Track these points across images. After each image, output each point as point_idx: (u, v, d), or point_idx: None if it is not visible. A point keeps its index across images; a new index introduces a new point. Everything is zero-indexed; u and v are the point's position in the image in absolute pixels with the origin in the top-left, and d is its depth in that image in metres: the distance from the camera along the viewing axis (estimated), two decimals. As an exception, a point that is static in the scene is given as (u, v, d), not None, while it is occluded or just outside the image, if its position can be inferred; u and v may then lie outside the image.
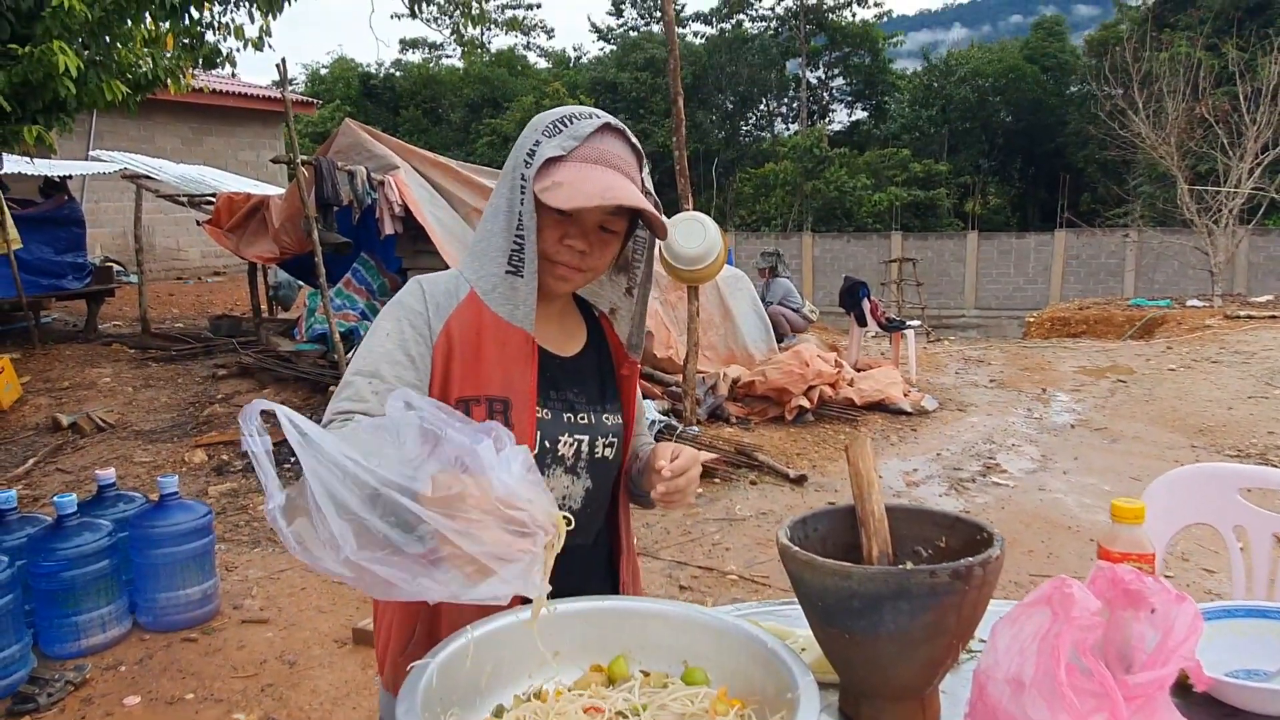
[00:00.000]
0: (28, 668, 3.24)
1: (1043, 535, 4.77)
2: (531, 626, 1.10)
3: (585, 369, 1.44)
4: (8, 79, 5.23)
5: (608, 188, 1.26)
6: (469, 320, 1.33)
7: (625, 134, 1.35)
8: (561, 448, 1.38)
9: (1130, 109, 16.32)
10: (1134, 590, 1.11)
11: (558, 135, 1.29)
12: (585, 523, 1.44)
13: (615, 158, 1.31)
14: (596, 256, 1.35)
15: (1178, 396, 8.05)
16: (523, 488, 0.95)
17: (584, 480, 1.42)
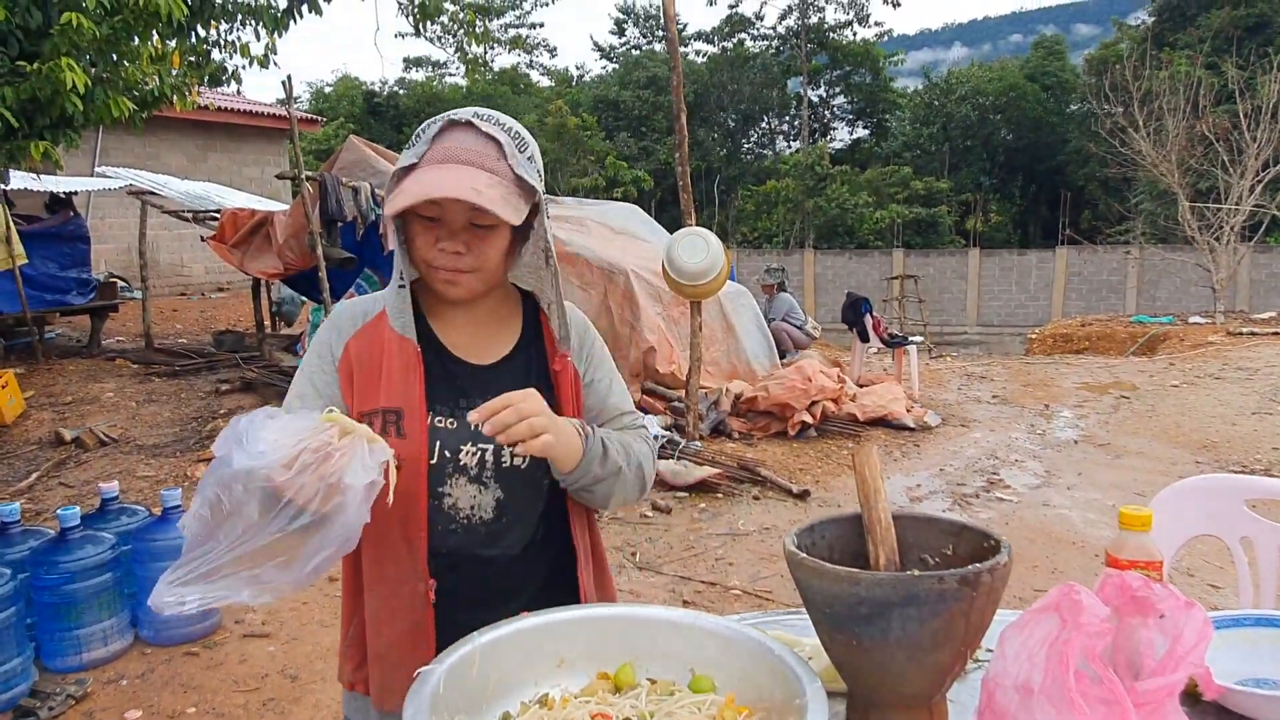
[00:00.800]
0: (29, 681, 3.23)
1: (1047, 550, 4.75)
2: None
3: (507, 374, 1.40)
4: (16, 95, 5.27)
5: (431, 185, 1.24)
6: (373, 337, 1.37)
7: (476, 124, 1.30)
8: (463, 457, 1.36)
9: (1131, 127, 16.39)
10: (1142, 597, 1.11)
11: (414, 145, 1.31)
12: (501, 533, 1.40)
13: (461, 151, 1.28)
14: (477, 255, 1.31)
15: (1181, 412, 8.04)
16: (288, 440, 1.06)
17: (493, 490, 1.39)
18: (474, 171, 1.26)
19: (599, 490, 1.35)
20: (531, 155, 1.33)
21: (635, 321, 7.36)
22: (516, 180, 1.30)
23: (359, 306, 1.42)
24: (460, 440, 1.36)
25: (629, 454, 1.38)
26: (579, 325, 1.48)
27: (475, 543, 1.38)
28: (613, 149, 29.08)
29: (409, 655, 1.32)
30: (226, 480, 1.05)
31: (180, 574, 1.07)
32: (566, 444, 1.28)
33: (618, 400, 1.49)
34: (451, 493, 1.37)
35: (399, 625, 1.37)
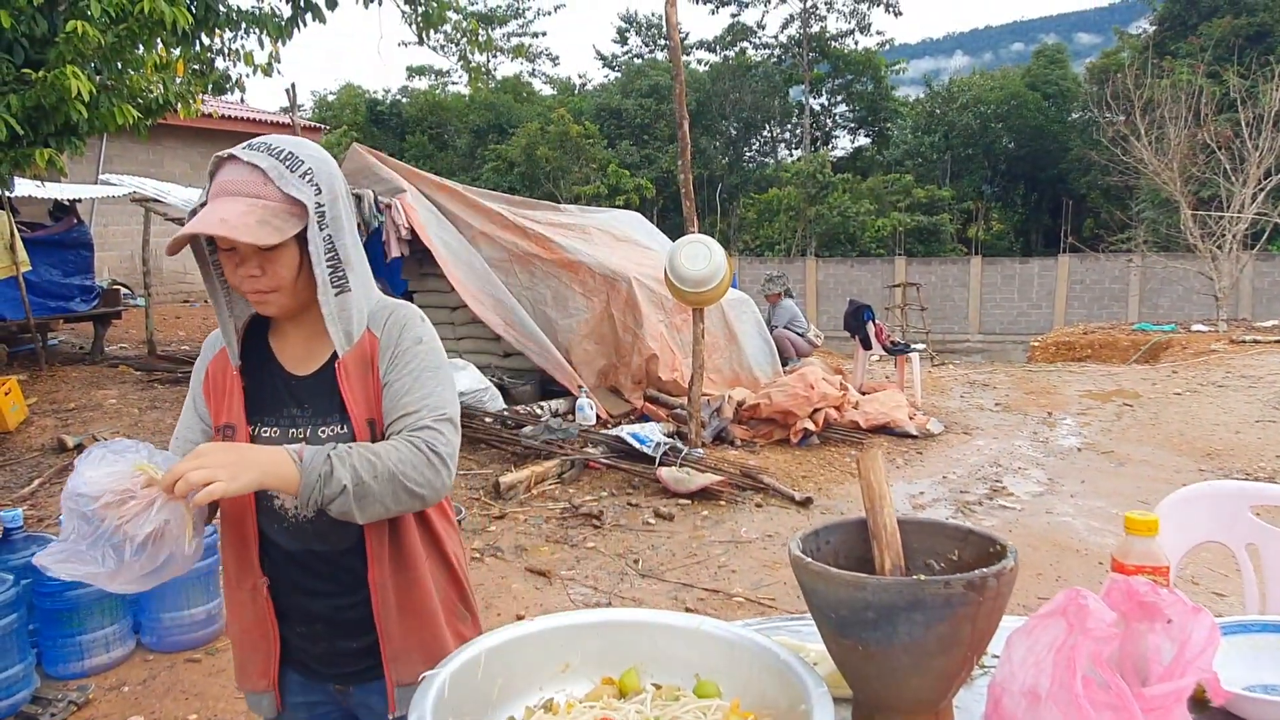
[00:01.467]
0: (31, 688, 3.22)
1: (1051, 558, 4.74)
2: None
3: (319, 384, 1.49)
4: (21, 103, 5.29)
5: (191, 224, 1.36)
6: (224, 360, 1.52)
7: (239, 157, 1.39)
8: None
9: (1132, 135, 16.41)
10: (1149, 602, 1.10)
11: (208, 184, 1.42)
12: (325, 531, 1.47)
13: (232, 184, 1.38)
14: (271, 275, 1.41)
15: (1184, 420, 8.03)
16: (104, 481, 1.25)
17: None
18: (235, 201, 1.36)
19: (336, 507, 1.33)
20: (306, 172, 1.40)
21: (638, 329, 7.36)
22: (285, 199, 1.38)
23: (218, 333, 1.56)
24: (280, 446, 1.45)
25: (375, 467, 1.34)
26: (393, 327, 1.49)
27: (305, 538, 1.49)
28: (615, 157, 29.14)
29: (257, 641, 1.54)
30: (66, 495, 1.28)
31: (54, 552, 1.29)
32: (269, 476, 1.30)
33: (411, 399, 1.45)
34: (279, 496, 1.47)
35: (246, 616, 1.54)
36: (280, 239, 1.36)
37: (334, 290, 1.42)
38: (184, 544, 1.29)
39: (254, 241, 1.33)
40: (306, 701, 1.60)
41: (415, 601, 1.52)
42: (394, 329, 1.49)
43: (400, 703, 1.51)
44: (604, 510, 5.44)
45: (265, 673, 1.54)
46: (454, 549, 1.62)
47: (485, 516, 5.33)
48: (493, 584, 4.39)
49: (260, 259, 1.39)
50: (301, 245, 1.41)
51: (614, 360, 7.50)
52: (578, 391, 7.07)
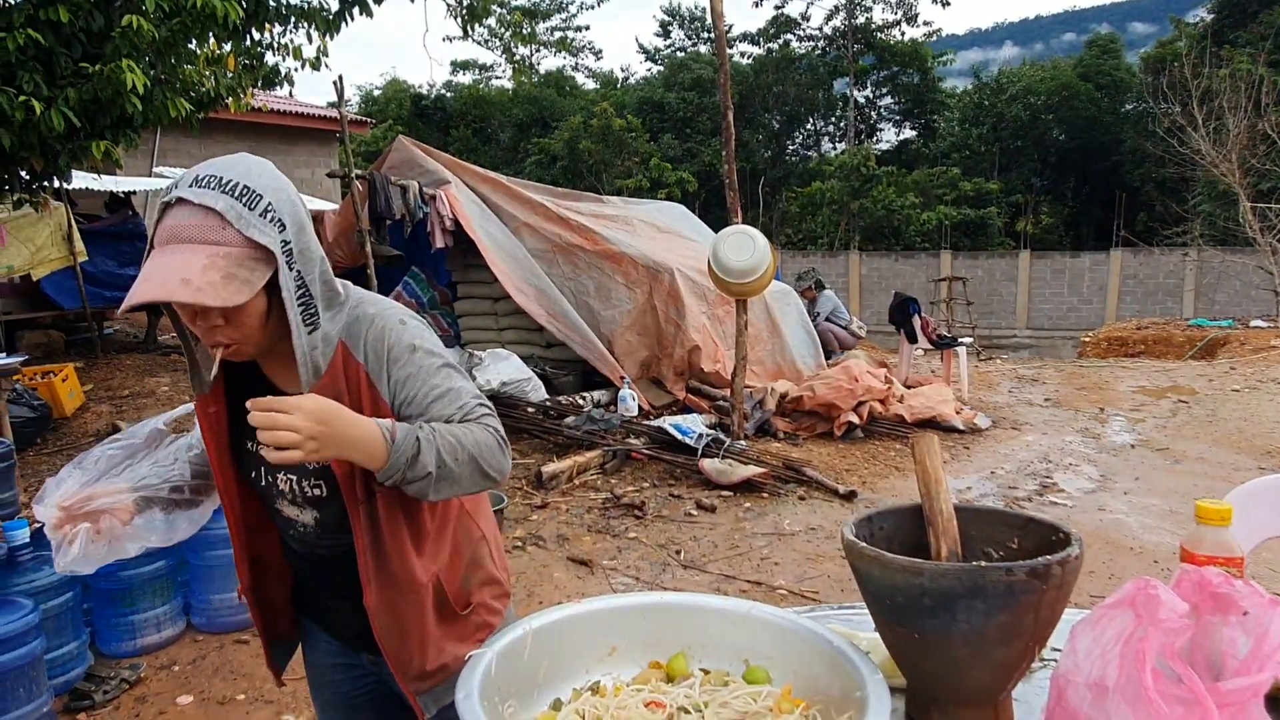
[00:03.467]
0: (85, 665, 3.30)
1: (1104, 556, 4.62)
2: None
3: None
4: (78, 96, 5.40)
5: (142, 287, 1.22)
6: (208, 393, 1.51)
7: (187, 199, 1.25)
8: (280, 483, 1.47)
9: (1189, 125, 15.96)
10: (1223, 593, 1.06)
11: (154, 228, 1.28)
12: (327, 540, 1.50)
13: (185, 230, 1.24)
14: (235, 326, 1.29)
15: (1243, 418, 7.79)
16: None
17: (310, 511, 1.48)
18: (192, 252, 1.22)
19: (415, 488, 1.31)
20: (267, 208, 1.27)
21: (680, 320, 7.33)
22: (248, 244, 1.24)
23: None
24: (277, 468, 1.45)
25: (457, 451, 1.32)
26: (374, 346, 1.39)
27: (309, 546, 1.53)
28: (657, 151, 29.07)
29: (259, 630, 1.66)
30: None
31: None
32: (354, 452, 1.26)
33: (450, 397, 1.40)
34: (282, 510, 1.51)
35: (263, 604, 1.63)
36: (251, 294, 1.24)
37: (306, 330, 1.32)
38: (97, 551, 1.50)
39: (224, 304, 1.21)
40: (343, 663, 1.66)
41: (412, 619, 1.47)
42: (377, 348, 1.38)
43: (426, 708, 1.52)
44: (646, 501, 5.43)
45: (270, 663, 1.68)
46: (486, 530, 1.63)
47: (527, 506, 5.35)
48: (534, 573, 4.40)
49: (224, 311, 1.27)
50: (268, 288, 1.29)
51: (656, 351, 7.48)
52: (620, 382, 7.06)
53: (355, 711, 1.68)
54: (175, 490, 1.54)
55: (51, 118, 5.13)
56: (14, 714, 2.77)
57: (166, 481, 1.53)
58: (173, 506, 1.54)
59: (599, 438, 6.24)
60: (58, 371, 7.19)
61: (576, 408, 6.81)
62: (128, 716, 3.10)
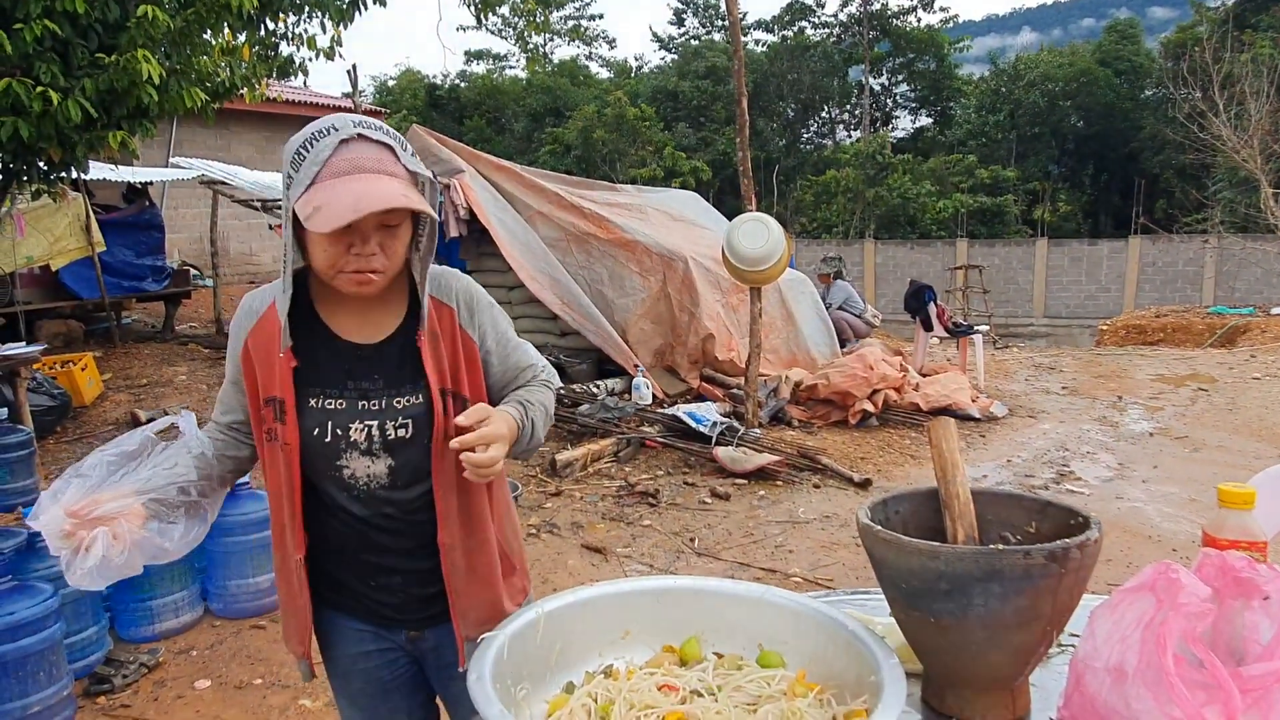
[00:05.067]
0: (104, 650, 3.34)
1: (1122, 544, 4.59)
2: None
3: (389, 353, 1.49)
4: (95, 86, 5.43)
5: (359, 198, 1.29)
6: (266, 331, 1.48)
7: (366, 135, 1.35)
8: (354, 434, 1.47)
9: (1210, 111, 15.75)
10: (1246, 578, 1.04)
11: (302, 164, 1.34)
12: (397, 496, 1.51)
13: (365, 161, 1.33)
14: (389, 254, 1.39)
15: (1264, 406, 7.71)
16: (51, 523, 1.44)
17: (384, 460, 1.48)
18: (379, 179, 1.33)
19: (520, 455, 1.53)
20: (414, 152, 1.43)
21: (694, 308, 7.31)
22: (411, 176, 1.38)
23: (254, 302, 1.53)
24: (350, 419, 1.46)
25: (548, 418, 1.56)
26: (462, 294, 1.54)
27: (376, 504, 1.50)
28: (671, 139, 28.98)
29: (296, 611, 1.56)
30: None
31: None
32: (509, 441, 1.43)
33: (519, 358, 1.59)
34: (349, 465, 1.48)
35: (289, 586, 1.56)
36: (431, 212, 1.40)
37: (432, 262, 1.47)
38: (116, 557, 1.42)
39: (430, 213, 1.38)
40: (375, 649, 1.63)
41: (482, 561, 1.55)
42: (464, 298, 1.53)
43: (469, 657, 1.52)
44: (660, 489, 5.43)
45: (301, 640, 1.59)
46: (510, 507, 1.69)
47: (541, 493, 5.36)
48: (549, 560, 4.41)
49: (382, 237, 1.37)
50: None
51: (670, 340, 7.47)
52: (634, 370, 7.06)
53: (388, 697, 1.66)
54: (183, 491, 1.49)
55: (69, 108, 5.16)
56: (35, 697, 2.80)
57: (173, 482, 1.48)
58: (180, 509, 1.50)
59: (613, 426, 6.24)
60: (77, 361, 7.26)
61: (590, 396, 6.81)
62: (146, 700, 3.13)
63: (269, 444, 1.47)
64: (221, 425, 1.58)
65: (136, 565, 1.44)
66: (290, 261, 1.42)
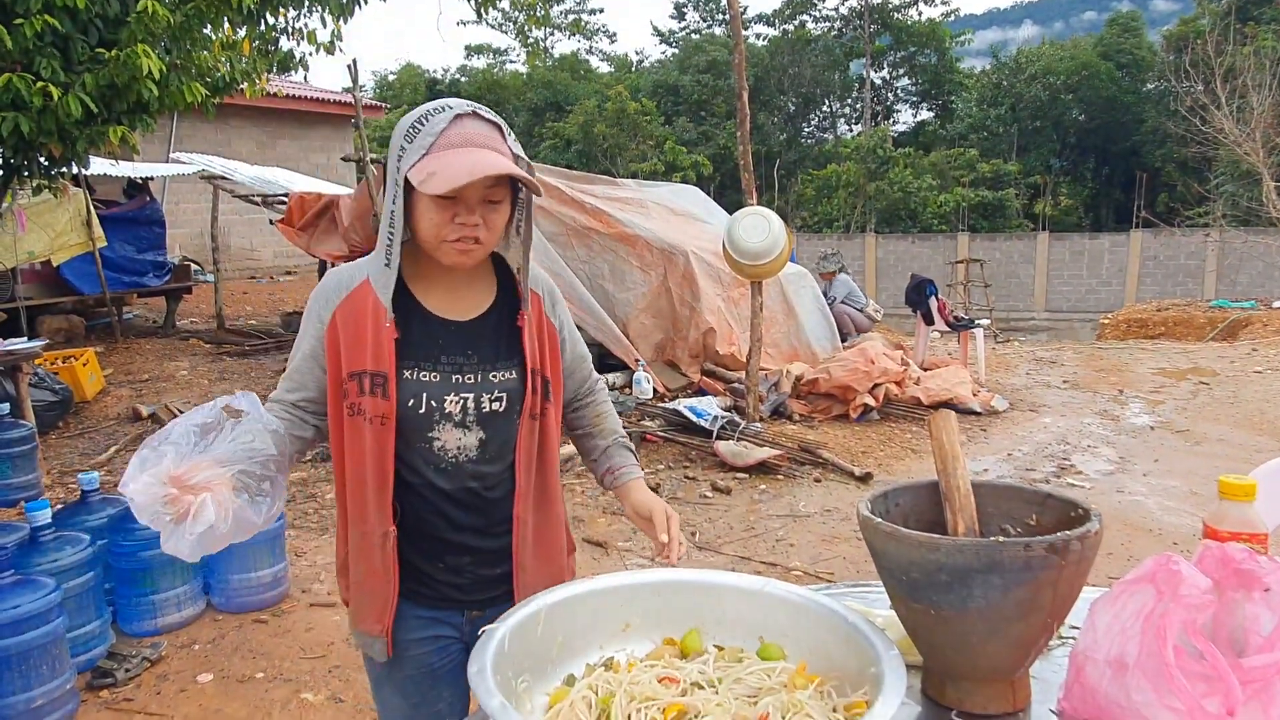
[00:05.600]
0: (107, 644, 3.35)
1: (1122, 538, 4.59)
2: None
3: (483, 331, 1.57)
4: (95, 82, 5.42)
5: (474, 164, 1.38)
6: (357, 305, 1.51)
7: (479, 113, 1.46)
8: (448, 405, 1.52)
9: (1212, 104, 15.71)
10: (1246, 570, 1.04)
11: (417, 136, 1.43)
12: (484, 469, 1.56)
13: (476, 136, 1.43)
14: (490, 226, 1.47)
15: (1265, 399, 7.70)
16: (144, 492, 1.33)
17: (475, 433, 1.54)
18: (487, 153, 1.41)
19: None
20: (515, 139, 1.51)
21: (695, 303, 7.30)
22: (513, 156, 1.46)
23: (343, 276, 1.55)
24: (444, 391, 1.51)
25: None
26: (545, 285, 1.65)
27: (462, 477, 1.55)
28: (672, 134, 28.94)
29: (378, 588, 1.55)
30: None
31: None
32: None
33: (581, 350, 1.74)
34: (440, 437, 1.52)
35: (371, 561, 1.54)
36: (539, 191, 1.50)
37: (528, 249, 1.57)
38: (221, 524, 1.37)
39: (535, 187, 1.47)
40: (430, 635, 1.63)
41: (549, 536, 1.65)
42: (547, 288, 1.65)
43: None
44: (661, 483, 5.43)
45: (380, 618, 1.57)
46: None
47: (543, 488, 5.36)
48: (550, 554, 4.41)
49: (484, 210, 1.45)
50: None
51: (671, 334, 7.46)
52: (635, 365, 7.06)
53: (436, 684, 1.66)
54: (264, 466, 1.43)
55: (69, 103, 5.15)
56: (37, 691, 2.81)
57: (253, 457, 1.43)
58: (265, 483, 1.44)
59: (614, 420, 6.23)
60: (78, 356, 7.26)
61: (591, 391, 6.80)
62: (149, 694, 3.14)
63: (351, 419, 1.49)
64: (287, 404, 1.56)
65: (235, 535, 1.40)
66: (399, 234, 1.46)
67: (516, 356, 1.56)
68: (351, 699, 3.09)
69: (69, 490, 5.28)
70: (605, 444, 1.77)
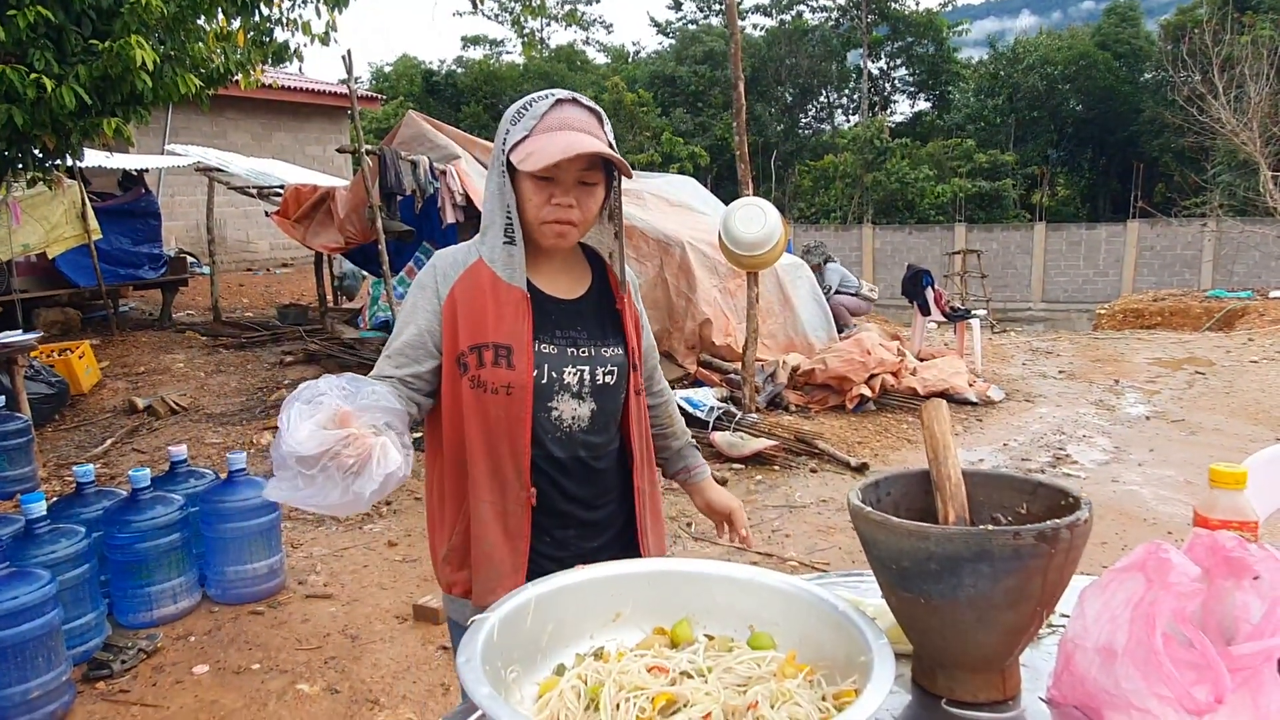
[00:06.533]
0: (103, 636, 3.35)
1: (1117, 527, 4.60)
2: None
3: (587, 310, 1.66)
4: (89, 73, 5.39)
5: (569, 144, 1.46)
6: (474, 283, 1.58)
7: (579, 101, 1.54)
8: (567, 377, 1.60)
9: (1210, 94, 15.69)
10: (1236, 558, 1.04)
11: (521, 120, 1.52)
12: (594, 439, 1.64)
13: (574, 120, 1.51)
14: (584, 208, 1.55)
15: (1261, 389, 7.71)
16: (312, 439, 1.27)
17: (589, 403, 1.62)
18: (587, 136, 1.50)
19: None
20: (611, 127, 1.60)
21: (691, 294, 7.30)
22: (609, 145, 1.53)
23: (457, 255, 1.62)
24: (563, 363, 1.59)
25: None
26: (631, 278, 1.75)
27: (575, 446, 1.62)
28: (669, 125, 28.86)
29: (506, 557, 1.58)
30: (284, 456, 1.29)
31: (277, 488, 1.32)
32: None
33: (651, 340, 1.83)
34: (558, 406, 1.60)
35: (504, 528, 1.58)
36: (631, 174, 1.60)
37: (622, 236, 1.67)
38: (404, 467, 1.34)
39: (627, 172, 1.56)
40: None
41: (657, 505, 1.77)
42: (631, 279, 1.73)
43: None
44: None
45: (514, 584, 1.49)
46: None
47: (539, 480, 5.36)
48: (546, 545, 4.41)
49: (579, 193, 1.53)
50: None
51: (667, 325, 7.46)
52: (631, 357, 7.05)
53: None
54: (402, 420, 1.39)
55: (63, 95, 5.13)
56: (34, 683, 2.81)
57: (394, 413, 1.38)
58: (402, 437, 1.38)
59: (610, 412, 6.23)
60: (74, 349, 7.25)
61: (588, 382, 6.80)
62: (145, 685, 3.14)
63: (473, 390, 1.54)
64: (394, 380, 1.54)
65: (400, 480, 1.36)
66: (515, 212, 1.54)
67: (619, 335, 1.66)
68: (348, 690, 3.09)
69: (65, 483, 5.28)
70: (679, 445, 1.91)
